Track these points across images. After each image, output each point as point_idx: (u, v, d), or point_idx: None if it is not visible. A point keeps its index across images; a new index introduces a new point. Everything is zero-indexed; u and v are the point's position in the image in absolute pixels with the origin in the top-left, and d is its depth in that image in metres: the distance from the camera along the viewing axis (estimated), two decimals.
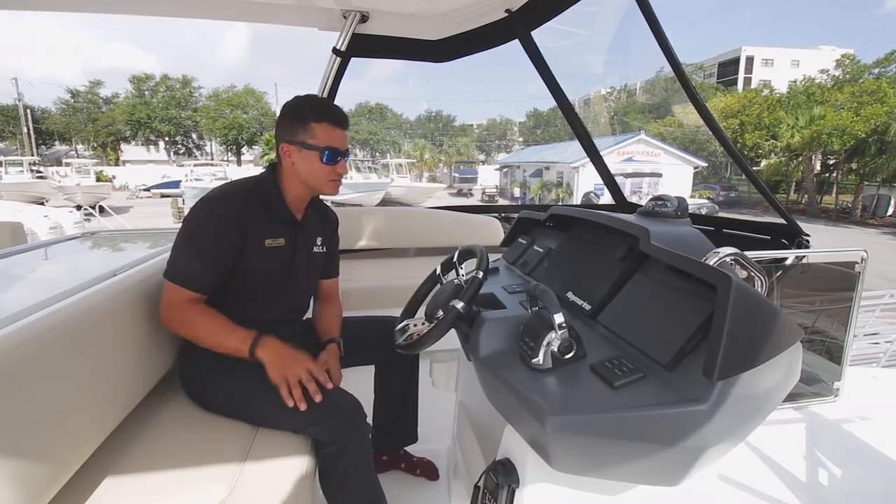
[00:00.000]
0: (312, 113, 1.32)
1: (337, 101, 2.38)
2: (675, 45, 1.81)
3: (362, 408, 1.29)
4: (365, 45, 2.27)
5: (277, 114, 1.39)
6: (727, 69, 50.54)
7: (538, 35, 2.35)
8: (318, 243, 1.52)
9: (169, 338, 1.41)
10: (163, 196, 25.78)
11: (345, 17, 2.13)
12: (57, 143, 46.37)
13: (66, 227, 9.45)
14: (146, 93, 44.48)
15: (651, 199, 1.20)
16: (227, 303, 1.31)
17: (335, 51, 2.23)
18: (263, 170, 1.42)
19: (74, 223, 10.11)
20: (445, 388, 1.67)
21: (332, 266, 1.64)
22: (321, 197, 1.54)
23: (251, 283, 1.35)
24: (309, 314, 1.63)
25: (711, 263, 0.87)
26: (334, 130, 1.34)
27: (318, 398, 1.21)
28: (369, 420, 1.33)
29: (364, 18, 2.15)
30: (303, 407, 1.20)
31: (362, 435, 1.26)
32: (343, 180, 1.44)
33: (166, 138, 46.22)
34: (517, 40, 2.32)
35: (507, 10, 2.16)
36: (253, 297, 1.37)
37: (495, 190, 35.89)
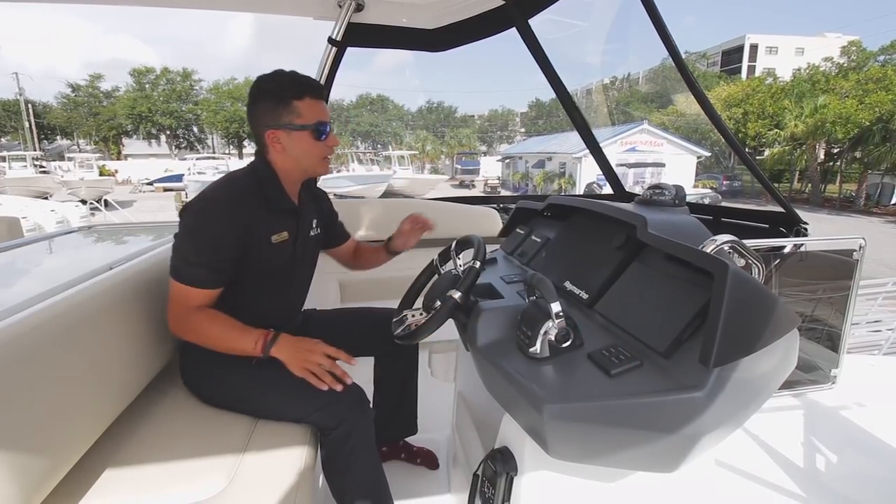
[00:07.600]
0: (291, 91, 1.25)
1: (339, 93, 2.38)
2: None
3: (366, 393, 1.30)
4: (360, 35, 2.25)
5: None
6: (731, 57, 49.95)
7: (537, 25, 2.33)
8: (314, 226, 1.50)
9: (167, 331, 1.42)
10: (165, 190, 25.80)
11: (340, 7, 2.10)
12: (59, 137, 46.35)
13: (73, 221, 9.52)
14: (147, 86, 44.26)
15: (649, 188, 1.19)
16: (230, 300, 1.28)
17: (331, 40, 2.20)
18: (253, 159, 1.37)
19: (81, 217, 10.19)
20: (444, 378, 1.67)
21: (341, 231, 1.69)
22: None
23: (257, 279, 1.33)
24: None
25: (709, 251, 0.87)
26: (318, 103, 1.29)
27: (347, 380, 1.24)
28: None
29: (359, 7, 2.12)
30: (339, 388, 1.22)
31: (367, 419, 1.26)
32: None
33: (168, 132, 46.06)
34: (515, 29, 2.30)
35: None
36: (257, 292, 1.35)
37: (497, 181, 35.75)
